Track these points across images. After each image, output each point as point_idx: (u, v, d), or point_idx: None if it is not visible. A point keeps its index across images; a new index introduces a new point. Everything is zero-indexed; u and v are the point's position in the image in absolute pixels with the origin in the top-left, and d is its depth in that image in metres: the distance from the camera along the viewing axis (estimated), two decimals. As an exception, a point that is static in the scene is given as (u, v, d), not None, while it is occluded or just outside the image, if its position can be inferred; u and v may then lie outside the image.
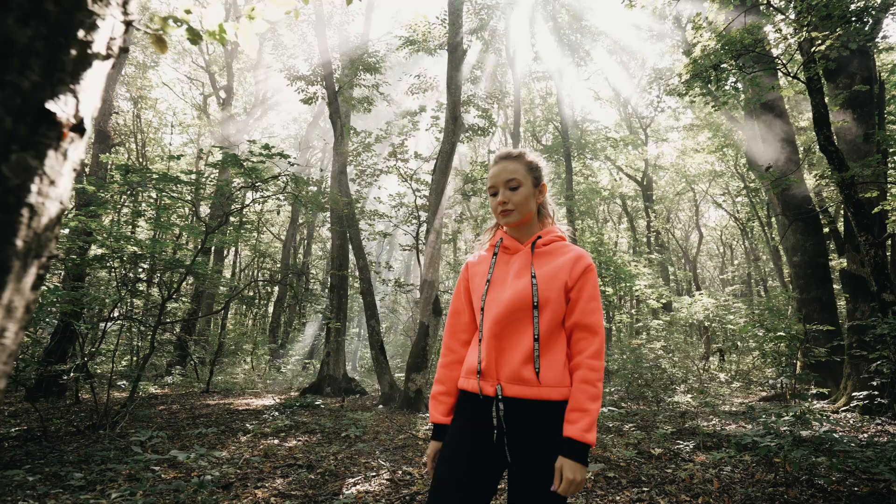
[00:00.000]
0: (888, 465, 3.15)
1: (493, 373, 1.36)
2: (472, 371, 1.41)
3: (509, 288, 1.39)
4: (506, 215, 1.44)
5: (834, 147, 5.20)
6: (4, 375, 0.57)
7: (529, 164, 1.49)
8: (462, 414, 1.44)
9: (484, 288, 1.44)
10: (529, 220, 1.49)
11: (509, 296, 1.37)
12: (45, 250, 0.62)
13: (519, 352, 1.33)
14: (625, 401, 8.15)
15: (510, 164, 1.46)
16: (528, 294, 1.35)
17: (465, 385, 1.43)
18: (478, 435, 1.36)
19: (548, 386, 1.31)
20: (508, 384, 1.33)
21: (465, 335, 1.52)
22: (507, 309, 1.36)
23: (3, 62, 0.57)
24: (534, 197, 1.48)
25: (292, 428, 6.10)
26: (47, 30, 0.61)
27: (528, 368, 1.32)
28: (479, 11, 9.72)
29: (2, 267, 0.55)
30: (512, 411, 1.33)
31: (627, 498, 3.39)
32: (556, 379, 1.32)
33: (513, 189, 1.44)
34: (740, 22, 6.37)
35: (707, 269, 32.60)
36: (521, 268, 1.42)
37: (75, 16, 0.65)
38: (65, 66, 0.63)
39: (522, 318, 1.35)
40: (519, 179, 1.44)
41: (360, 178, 11.34)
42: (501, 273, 1.45)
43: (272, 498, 3.39)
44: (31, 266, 0.59)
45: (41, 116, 0.60)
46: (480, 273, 1.49)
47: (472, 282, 1.50)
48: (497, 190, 1.46)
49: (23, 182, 0.57)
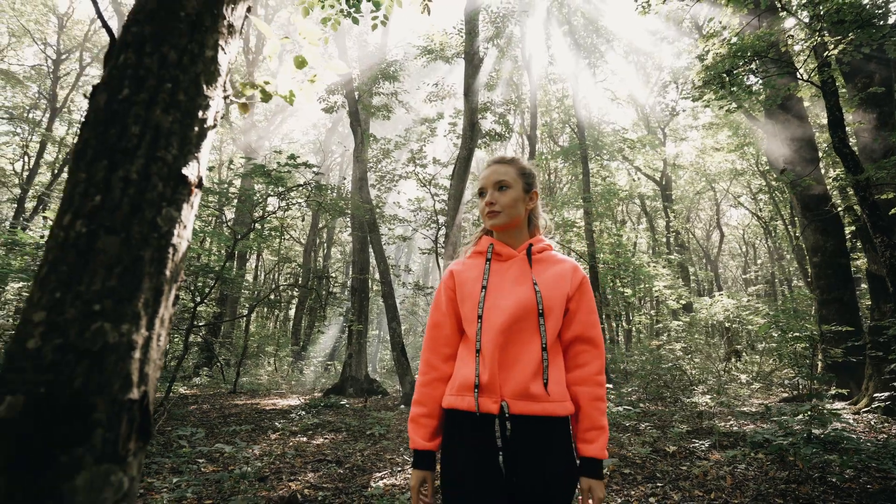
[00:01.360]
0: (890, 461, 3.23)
1: (496, 388, 1.23)
2: (466, 387, 1.27)
3: (510, 295, 1.30)
4: (492, 216, 1.39)
5: (849, 149, 5.24)
6: (159, 368, 0.79)
7: (521, 169, 1.44)
8: (459, 440, 1.28)
9: (480, 295, 1.32)
10: (517, 225, 1.42)
11: (513, 303, 1.28)
12: (180, 276, 0.84)
13: (526, 364, 1.24)
14: (643, 401, 8.22)
15: (501, 167, 1.42)
16: (533, 301, 1.27)
17: (459, 403, 1.27)
18: (487, 461, 1.22)
19: (555, 401, 1.23)
20: (515, 400, 1.22)
21: (448, 349, 1.38)
22: (511, 317, 1.26)
23: (155, 143, 0.80)
24: (523, 202, 1.42)
25: (319, 426, 6.36)
26: (181, 115, 0.84)
27: (538, 382, 1.23)
28: (494, 20, 9.92)
29: (158, 290, 0.77)
30: (518, 430, 1.22)
31: (642, 493, 3.53)
32: (560, 393, 1.25)
33: (501, 190, 1.39)
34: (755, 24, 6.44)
35: (729, 268, 32.10)
36: (520, 274, 1.34)
37: (197, 101, 0.87)
38: (191, 139, 0.86)
39: (528, 328, 1.26)
40: (508, 182, 1.39)
41: (379, 183, 11.61)
42: (497, 280, 1.35)
43: (305, 489, 3.63)
44: (173, 288, 0.81)
45: (179, 179, 0.82)
46: (472, 279, 1.37)
47: (462, 289, 1.37)
48: (486, 191, 1.42)
49: (169, 228, 0.80)
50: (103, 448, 0.65)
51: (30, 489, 0.59)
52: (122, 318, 0.70)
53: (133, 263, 0.73)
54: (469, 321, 1.33)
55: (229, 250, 7.53)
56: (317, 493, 3.58)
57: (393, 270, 11.99)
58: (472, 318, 1.32)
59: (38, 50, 19.59)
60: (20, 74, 18.52)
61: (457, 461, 1.25)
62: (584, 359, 1.31)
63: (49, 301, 0.68)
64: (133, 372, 0.71)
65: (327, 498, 3.45)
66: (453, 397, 1.29)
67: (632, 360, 10.38)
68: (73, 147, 0.77)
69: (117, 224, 0.73)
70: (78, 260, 0.70)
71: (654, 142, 18.67)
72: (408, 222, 12.29)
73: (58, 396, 0.63)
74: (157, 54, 0.83)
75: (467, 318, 1.34)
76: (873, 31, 4.44)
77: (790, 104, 8.85)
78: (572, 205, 15.81)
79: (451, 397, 1.30)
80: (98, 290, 0.70)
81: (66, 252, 0.71)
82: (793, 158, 8.84)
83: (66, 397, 0.64)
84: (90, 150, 0.77)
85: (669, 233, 21.53)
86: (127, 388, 0.69)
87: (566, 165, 18.42)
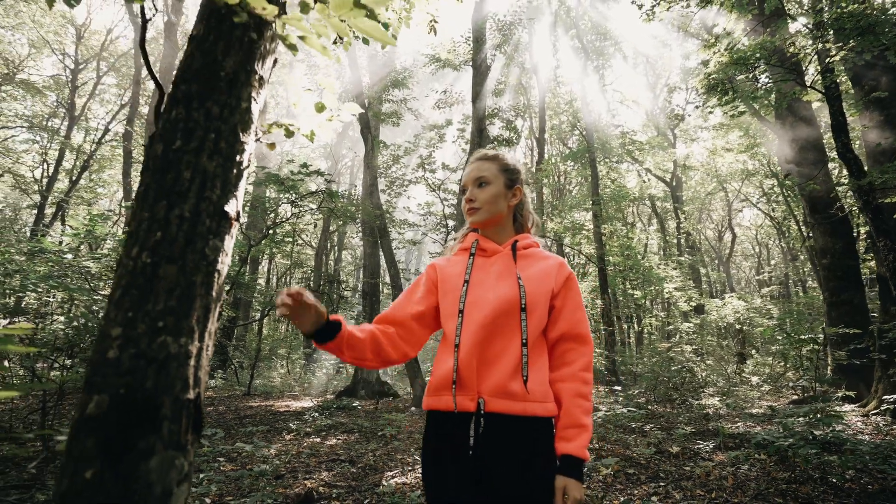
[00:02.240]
0: (890, 462, 3.31)
1: (472, 384, 1.20)
2: (444, 385, 1.24)
3: (493, 290, 1.28)
4: (472, 213, 1.37)
5: (852, 154, 5.31)
6: (207, 374, 0.94)
7: (504, 165, 1.42)
8: (438, 439, 1.24)
9: (462, 290, 1.29)
10: (499, 221, 1.41)
11: (495, 298, 1.26)
12: (222, 296, 0.99)
13: (506, 360, 1.21)
14: (651, 403, 8.29)
15: (483, 163, 1.41)
16: (516, 296, 1.24)
17: (436, 404, 1.25)
18: (463, 460, 1.18)
19: (534, 401, 1.19)
20: (492, 398, 1.18)
21: (401, 318, 1.36)
22: (493, 312, 1.24)
23: (203, 186, 0.96)
24: (505, 199, 1.39)
25: (332, 427, 6.54)
26: (223, 160, 1.00)
27: (517, 379, 1.19)
28: (501, 28, 10.09)
29: (207, 308, 0.93)
30: (493, 428, 1.18)
31: (645, 492, 3.64)
32: (542, 393, 1.21)
33: (481, 186, 1.38)
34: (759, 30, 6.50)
35: (743, 269, 31.80)
36: (504, 270, 1.31)
37: (235, 147, 1.04)
38: (231, 180, 1.02)
39: (509, 323, 1.23)
40: (488, 178, 1.38)
41: (389, 188, 11.81)
42: (480, 275, 1.33)
43: (320, 487, 3.80)
44: (218, 306, 0.97)
45: (222, 215, 0.98)
46: (455, 275, 1.35)
47: (445, 285, 1.35)
48: (467, 188, 1.41)
49: (215, 257, 0.96)
50: (169, 437, 0.81)
51: (117, 469, 0.75)
52: (181, 332, 0.86)
53: (188, 287, 0.89)
54: (450, 316, 1.30)
55: (243, 256, 7.75)
56: (331, 490, 3.75)
57: (403, 274, 12.17)
58: (453, 312, 1.28)
59: (57, 60, 20.11)
60: (39, 84, 19.04)
61: (434, 460, 1.23)
62: (570, 357, 1.27)
63: (123, 319, 0.84)
64: (190, 376, 0.86)
65: (341, 495, 3.61)
66: (431, 398, 1.27)
67: (641, 363, 10.43)
68: (136, 190, 0.91)
69: (175, 255, 0.89)
70: (145, 285, 0.86)
71: (664, 143, 18.64)
72: (417, 226, 12.46)
73: (134, 396, 0.79)
74: (202, 109, 1.00)
75: (448, 313, 1.31)
76: (873, 39, 4.51)
77: (797, 107, 8.87)
78: (581, 207, 15.88)
79: (429, 398, 1.27)
80: (161, 309, 0.86)
81: (135, 278, 0.87)
82: (800, 160, 8.86)
83: (141, 397, 0.80)
84: (151, 192, 0.93)
85: (680, 234, 21.47)
86: (185, 389, 0.85)
87: (575, 167, 18.49)
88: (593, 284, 16.34)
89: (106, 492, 0.73)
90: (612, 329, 12.34)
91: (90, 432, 0.76)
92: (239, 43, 1.07)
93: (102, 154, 20.26)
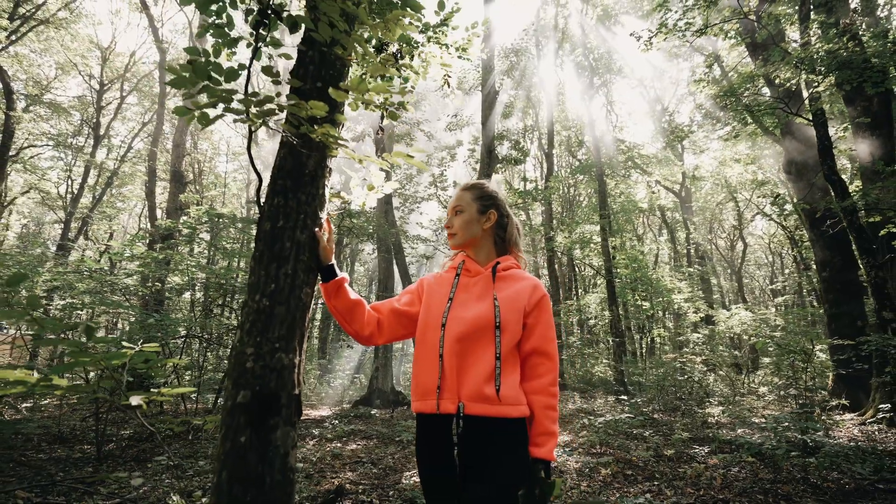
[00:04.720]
0: (861, 464, 3.65)
1: (453, 389, 1.37)
2: (429, 391, 1.41)
3: (472, 308, 1.45)
4: (450, 238, 1.61)
5: (837, 176, 5.68)
6: (304, 378, 1.40)
7: (480, 193, 1.60)
8: (426, 438, 1.43)
9: (445, 305, 1.47)
10: (475, 243, 1.59)
11: (472, 316, 1.42)
12: (308, 324, 1.46)
13: (480, 369, 1.37)
14: (656, 412, 8.60)
15: (462, 193, 1.62)
16: (491, 315, 1.41)
17: (423, 408, 1.42)
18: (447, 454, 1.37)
19: (507, 404, 1.36)
20: (470, 402, 1.36)
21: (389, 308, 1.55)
22: (469, 328, 1.40)
23: (299, 251, 1.43)
24: (478, 223, 1.57)
25: (352, 434, 6.97)
26: (309, 232, 1.47)
27: (490, 386, 1.36)
28: (508, 55, 10.62)
29: (302, 334, 1.40)
30: (471, 428, 1.35)
31: (640, 490, 4.02)
32: (514, 397, 1.38)
33: (457, 214, 1.59)
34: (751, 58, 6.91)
35: (756, 278, 31.70)
36: (483, 290, 1.48)
37: (316, 223, 1.50)
38: (314, 246, 1.48)
39: (484, 338, 1.40)
40: (462, 206, 1.58)
41: (403, 205, 12.34)
42: (463, 293, 1.50)
43: (347, 484, 4.23)
44: (307, 331, 1.44)
45: (310, 270, 1.45)
46: (441, 292, 1.53)
47: (430, 299, 1.52)
48: (449, 216, 1.65)
49: (307, 301, 1.43)
50: (286, 418, 1.27)
51: (259, 435, 1.21)
52: (290, 350, 1.33)
53: (292, 321, 1.36)
54: (432, 328, 1.46)
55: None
56: (357, 486, 4.18)
57: (416, 287, 12.62)
58: (436, 325, 1.45)
59: (82, 80, 20.98)
60: (65, 104, 19.91)
61: (424, 456, 1.42)
62: (539, 370, 1.45)
63: (253, 342, 1.31)
64: (295, 380, 1.33)
65: (366, 490, 4.05)
66: (418, 402, 1.43)
67: (648, 373, 10.73)
68: (252, 254, 1.33)
69: (283, 299, 1.36)
70: (266, 320, 1.33)
71: (670, 157, 18.96)
72: (430, 241, 12.95)
73: (265, 392, 1.26)
74: (295, 198, 1.47)
75: (431, 325, 1.47)
76: (849, 73, 4.91)
77: (794, 127, 9.22)
78: (590, 221, 16.27)
79: (416, 402, 1.44)
80: (277, 335, 1.32)
81: (259, 315, 1.34)
82: (798, 176, 9.19)
83: (268, 392, 1.26)
84: (265, 257, 1.41)
85: (689, 245, 21.66)
86: (293, 388, 1.31)
87: (584, 180, 18.90)
88: (602, 296, 16.65)
89: (254, 448, 1.19)
90: (619, 340, 12.65)
91: (242, 413, 1.23)
92: (317, 147, 1.54)
93: (123, 171, 21.04)
